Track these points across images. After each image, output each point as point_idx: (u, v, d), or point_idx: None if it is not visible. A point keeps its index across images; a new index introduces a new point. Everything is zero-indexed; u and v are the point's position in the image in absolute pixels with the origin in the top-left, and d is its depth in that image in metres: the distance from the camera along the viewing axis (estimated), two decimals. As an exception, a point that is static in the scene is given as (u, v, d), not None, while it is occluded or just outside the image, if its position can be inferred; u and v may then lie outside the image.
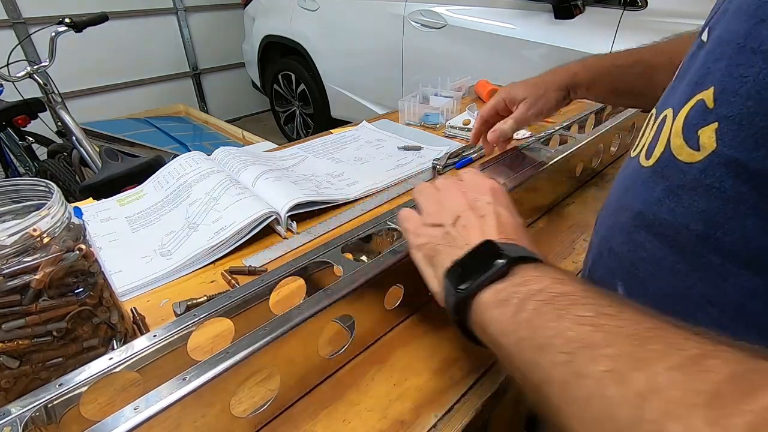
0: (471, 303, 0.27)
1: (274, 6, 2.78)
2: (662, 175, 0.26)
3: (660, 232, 0.26)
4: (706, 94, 0.24)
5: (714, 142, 0.23)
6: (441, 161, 0.77)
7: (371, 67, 2.32)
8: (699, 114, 0.24)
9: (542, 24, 1.58)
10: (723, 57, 0.23)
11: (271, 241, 0.60)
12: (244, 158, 0.74)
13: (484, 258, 0.27)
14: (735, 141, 0.22)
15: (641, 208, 0.28)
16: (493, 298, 0.26)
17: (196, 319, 0.36)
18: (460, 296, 0.27)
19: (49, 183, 0.37)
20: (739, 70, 0.22)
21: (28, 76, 1.44)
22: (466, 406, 0.38)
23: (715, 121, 0.23)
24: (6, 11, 2.53)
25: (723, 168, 0.22)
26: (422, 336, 0.45)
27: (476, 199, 0.34)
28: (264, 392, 0.37)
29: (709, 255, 0.24)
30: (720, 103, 0.23)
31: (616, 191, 0.33)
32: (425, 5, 1.93)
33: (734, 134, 0.22)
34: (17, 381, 0.35)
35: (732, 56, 0.22)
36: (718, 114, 0.23)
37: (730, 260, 0.23)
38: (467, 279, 0.27)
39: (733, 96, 0.22)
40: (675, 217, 0.25)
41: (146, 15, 3.12)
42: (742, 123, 0.21)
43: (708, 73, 0.24)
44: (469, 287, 0.27)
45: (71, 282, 0.36)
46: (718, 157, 0.23)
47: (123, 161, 1.17)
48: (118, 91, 3.13)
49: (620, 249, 0.30)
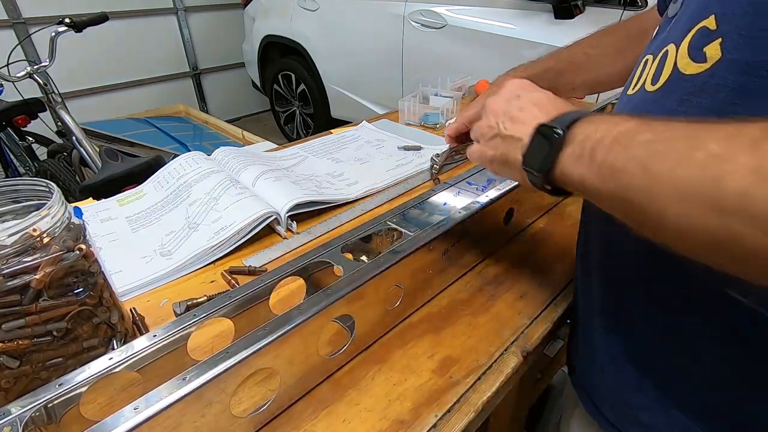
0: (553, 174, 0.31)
1: (274, 6, 2.77)
2: (672, 91, 0.31)
3: None
4: (707, 21, 0.29)
5: (719, 52, 0.28)
6: (439, 160, 0.76)
7: (371, 67, 2.31)
8: (702, 37, 0.29)
9: (542, 24, 1.58)
10: None
11: (271, 241, 0.60)
12: (244, 158, 0.74)
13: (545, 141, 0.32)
14: (739, 48, 0.27)
15: None
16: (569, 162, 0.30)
17: (196, 319, 0.36)
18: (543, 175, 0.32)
19: (49, 183, 0.37)
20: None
21: (28, 76, 1.44)
22: (466, 406, 0.38)
23: (719, 38, 0.28)
24: (6, 11, 2.53)
25: (728, 67, 0.27)
26: (422, 336, 0.45)
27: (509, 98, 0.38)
28: (264, 392, 0.37)
29: None
30: (721, 23, 0.28)
31: None
32: (425, 5, 1.93)
33: (736, 42, 0.27)
34: (17, 381, 0.35)
35: None
36: (721, 31, 0.28)
37: None
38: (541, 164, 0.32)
39: (731, 15, 0.27)
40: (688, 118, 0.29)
41: (146, 15, 3.12)
42: (741, 32, 0.26)
43: (707, 6, 0.29)
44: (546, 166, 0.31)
45: (71, 282, 0.36)
46: (723, 62, 0.27)
47: (123, 161, 1.17)
48: (118, 91, 3.13)
49: None
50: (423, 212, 0.56)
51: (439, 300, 0.49)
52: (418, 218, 0.54)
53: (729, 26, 0.28)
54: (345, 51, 2.42)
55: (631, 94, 0.36)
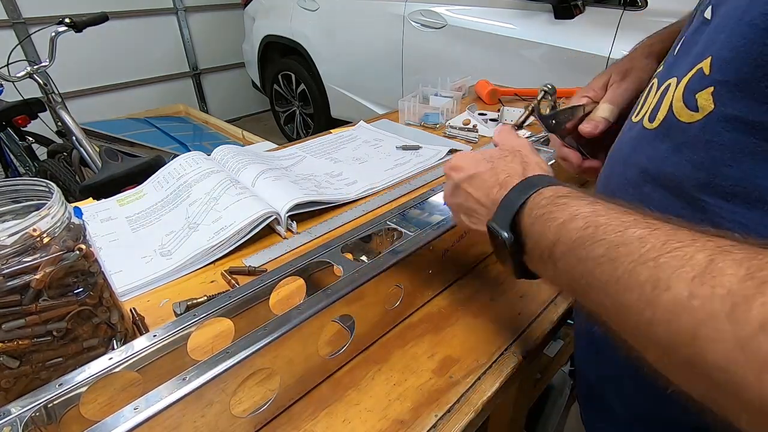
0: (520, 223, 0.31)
1: (274, 6, 2.77)
2: (666, 135, 0.30)
3: (665, 184, 0.30)
4: (704, 63, 0.27)
5: (711, 103, 0.26)
6: None
7: (371, 67, 2.31)
8: (697, 81, 0.27)
9: (542, 24, 1.58)
10: (725, 30, 0.26)
11: (271, 241, 0.60)
12: (243, 157, 0.74)
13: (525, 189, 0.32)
14: (730, 101, 0.25)
15: (647, 164, 0.32)
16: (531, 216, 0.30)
17: (196, 319, 0.36)
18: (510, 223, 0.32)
19: (49, 183, 0.37)
20: (734, 41, 0.25)
21: (28, 76, 1.44)
22: (466, 406, 0.38)
23: (711, 86, 0.26)
24: (6, 11, 2.53)
25: (721, 124, 0.26)
26: (422, 336, 0.45)
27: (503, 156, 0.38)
28: (264, 392, 0.37)
29: (708, 199, 0.27)
30: (715, 69, 0.26)
31: (621, 152, 0.36)
32: (425, 5, 1.93)
33: (730, 96, 0.25)
34: (17, 381, 0.35)
35: (732, 29, 0.25)
36: (714, 79, 0.26)
37: (726, 201, 0.26)
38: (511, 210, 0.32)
39: (727, 63, 0.25)
40: (678, 169, 0.29)
41: (146, 15, 3.12)
42: (735, 86, 0.25)
43: (710, 44, 0.27)
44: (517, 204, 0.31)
45: (71, 282, 0.36)
46: (717, 116, 0.26)
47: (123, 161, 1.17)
48: (118, 91, 3.13)
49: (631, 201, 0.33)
50: (423, 212, 0.56)
51: (439, 300, 0.49)
52: (418, 218, 0.54)
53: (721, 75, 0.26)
54: (345, 51, 2.42)
55: (635, 121, 0.35)
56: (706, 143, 0.27)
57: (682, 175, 0.29)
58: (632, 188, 0.33)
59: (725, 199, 0.26)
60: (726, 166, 0.26)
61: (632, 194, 0.33)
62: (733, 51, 0.25)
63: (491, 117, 1.01)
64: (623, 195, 0.34)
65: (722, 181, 0.26)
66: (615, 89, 0.47)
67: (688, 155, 0.28)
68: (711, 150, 0.26)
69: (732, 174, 0.26)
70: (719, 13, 0.28)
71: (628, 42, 1.47)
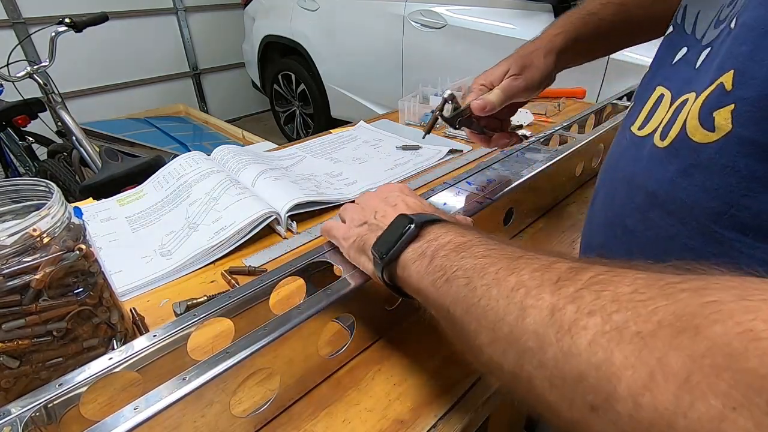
0: (396, 265, 0.32)
1: (274, 6, 2.77)
2: (676, 156, 0.27)
3: (673, 211, 0.28)
4: (726, 77, 0.24)
5: (729, 123, 0.24)
6: None
7: (371, 67, 2.31)
8: (717, 97, 0.25)
9: (542, 24, 1.58)
10: (747, 41, 0.24)
11: (271, 241, 0.60)
12: (243, 157, 0.74)
13: (399, 228, 0.32)
14: (751, 122, 0.22)
15: (655, 188, 0.29)
16: (411, 256, 0.31)
17: (196, 319, 0.36)
18: (385, 262, 0.32)
19: (49, 183, 0.37)
20: (759, 54, 0.23)
21: (28, 76, 1.44)
22: (466, 406, 0.38)
23: (732, 103, 0.23)
24: (6, 11, 2.53)
25: (738, 147, 0.23)
26: (422, 336, 0.45)
27: (387, 196, 0.40)
28: (264, 392, 0.37)
29: (723, 231, 0.25)
30: (738, 85, 0.23)
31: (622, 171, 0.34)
32: (425, 5, 1.93)
33: (750, 115, 0.22)
34: (17, 381, 0.35)
35: (755, 41, 0.23)
36: (736, 96, 0.23)
37: (744, 234, 0.24)
38: (389, 248, 0.32)
39: (751, 78, 0.23)
40: (689, 195, 0.27)
41: (146, 15, 3.12)
42: (759, 105, 0.22)
43: (732, 57, 0.25)
44: (391, 253, 0.31)
45: (71, 282, 0.36)
46: (734, 138, 0.23)
47: (123, 161, 1.17)
48: (118, 91, 3.13)
49: (636, 227, 0.32)
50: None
51: (439, 300, 0.49)
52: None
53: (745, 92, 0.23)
54: (345, 51, 2.42)
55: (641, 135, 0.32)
56: (722, 168, 0.24)
57: (693, 201, 0.26)
58: (638, 213, 0.31)
59: (743, 232, 0.24)
60: (743, 195, 0.23)
61: (638, 220, 0.32)
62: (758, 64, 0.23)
63: (491, 117, 1.01)
64: (629, 221, 0.32)
65: (739, 211, 0.24)
66: (511, 82, 0.49)
67: (699, 180, 0.26)
68: (727, 176, 0.24)
69: (751, 205, 0.23)
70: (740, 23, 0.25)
71: (628, 42, 1.48)
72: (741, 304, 0.15)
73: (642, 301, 0.18)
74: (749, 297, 0.16)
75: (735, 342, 0.14)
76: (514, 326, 0.21)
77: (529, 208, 0.62)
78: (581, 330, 0.18)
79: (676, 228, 0.28)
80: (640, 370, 0.16)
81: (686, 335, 0.16)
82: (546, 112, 1.04)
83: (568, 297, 0.20)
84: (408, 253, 0.31)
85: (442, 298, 0.27)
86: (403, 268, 0.31)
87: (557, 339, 0.19)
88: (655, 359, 0.16)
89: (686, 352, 0.15)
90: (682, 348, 0.15)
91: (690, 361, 0.15)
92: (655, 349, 0.16)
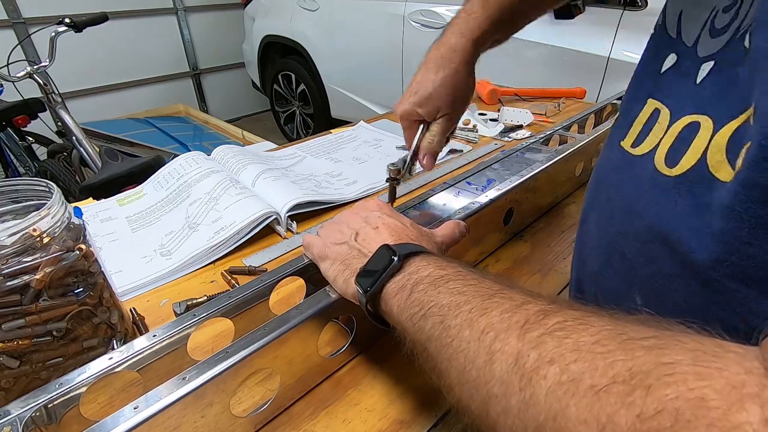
0: (379, 298, 0.32)
1: (274, 6, 2.77)
2: (690, 190, 0.25)
3: (675, 249, 0.25)
4: (749, 112, 0.22)
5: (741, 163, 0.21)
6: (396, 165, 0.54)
7: (371, 67, 2.31)
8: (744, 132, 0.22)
9: (542, 24, 1.58)
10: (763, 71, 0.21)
11: (271, 241, 0.60)
12: (243, 157, 0.74)
13: (383, 260, 0.32)
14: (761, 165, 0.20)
15: (658, 219, 0.27)
16: (393, 288, 0.31)
17: (196, 319, 0.36)
18: (368, 295, 0.32)
19: (49, 183, 0.37)
20: None
21: (28, 76, 1.44)
22: (466, 406, 0.38)
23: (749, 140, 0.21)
24: (6, 11, 2.53)
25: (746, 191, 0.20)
26: (422, 336, 0.45)
27: (368, 216, 0.39)
28: (264, 392, 0.37)
29: (723, 279, 0.23)
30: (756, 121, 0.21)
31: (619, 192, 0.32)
32: (425, 5, 1.93)
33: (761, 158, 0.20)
34: (17, 381, 0.35)
35: None
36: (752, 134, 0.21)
37: (747, 285, 0.22)
38: (373, 282, 0.32)
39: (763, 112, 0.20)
40: (692, 234, 0.24)
41: (146, 15, 3.12)
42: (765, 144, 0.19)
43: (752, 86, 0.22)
44: (375, 286, 0.32)
45: (71, 282, 0.36)
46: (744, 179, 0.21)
47: (123, 161, 1.17)
48: (118, 91, 3.13)
49: (634, 258, 0.29)
50: (423, 212, 0.56)
51: (439, 300, 0.49)
52: (417, 218, 0.54)
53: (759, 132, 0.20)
54: (345, 51, 2.42)
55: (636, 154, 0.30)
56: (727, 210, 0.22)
57: (696, 243, 0.24)
58: (639, 243, 0.29)
59: (745, 283, 0.22)
60: (744, 243, 0.21)
61: (639, 251, 0.29)
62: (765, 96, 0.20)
63: (491, 117, 1.01)
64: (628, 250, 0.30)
65: (740, 260, 0.21)
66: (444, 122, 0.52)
67: (708, 220, 0.23)
68: (730, 220, 0.21)
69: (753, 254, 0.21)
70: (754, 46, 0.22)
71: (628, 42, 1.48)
72: (696, 368, 0.16)
73: (601, 354, 0.18)
74: (705, 363, 0.16)
75: (684, 407, 0.15)
76: (482, 370, 0.22)
77: (529, 208, 0.62)
78: (541, 379, 0.19)
79: (677, 267, 0.25)
80: (591, 425, 0.17)
81: (638, 394, 0.16)
82: (546, 112, 1.04)
83: (532, 342, 0.20)
84: (390, 286, 0.31)
85: (418, 334, 0.28)
86: (385, 302, 0.32)
87: (520, 388, 0.20)
88: (606, 415, 0.16)
89: (635, 412, 0.16)
90: (633, 407, 0.16)
91: (639, 421, 0.15)
92: (607, 405, 0.16)
